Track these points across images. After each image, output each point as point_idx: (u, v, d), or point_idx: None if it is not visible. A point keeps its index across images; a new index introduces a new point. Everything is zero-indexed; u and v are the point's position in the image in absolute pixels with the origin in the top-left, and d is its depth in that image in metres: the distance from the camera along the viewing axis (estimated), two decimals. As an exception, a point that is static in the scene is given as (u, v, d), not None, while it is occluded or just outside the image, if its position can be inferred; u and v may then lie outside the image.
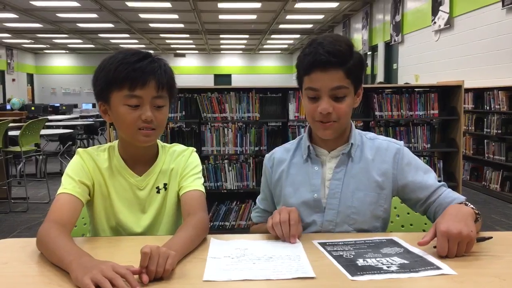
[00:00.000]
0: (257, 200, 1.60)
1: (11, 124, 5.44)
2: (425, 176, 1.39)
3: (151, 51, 1.36)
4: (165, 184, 1.42)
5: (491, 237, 1.21)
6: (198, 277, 1.00)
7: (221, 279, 0.99)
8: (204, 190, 1.42)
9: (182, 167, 1.43)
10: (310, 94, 1.32)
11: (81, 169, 1.35)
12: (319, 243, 1.22)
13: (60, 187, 1.31)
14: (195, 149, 1.50)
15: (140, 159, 1.40)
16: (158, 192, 1.41)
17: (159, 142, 1.45)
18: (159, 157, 1.43)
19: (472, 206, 1.24)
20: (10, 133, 5.54)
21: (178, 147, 1.48)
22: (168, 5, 11.79)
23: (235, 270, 1.03)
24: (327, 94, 1.29)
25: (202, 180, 1.44)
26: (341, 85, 1.29)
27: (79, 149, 1.40)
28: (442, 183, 1.39)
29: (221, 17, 13.46)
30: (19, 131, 5.06)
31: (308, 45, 1.32)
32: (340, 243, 1.22)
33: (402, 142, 1.44)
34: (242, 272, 1.02)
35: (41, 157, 6.48)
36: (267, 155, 1.54)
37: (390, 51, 10.57)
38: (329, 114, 1.30)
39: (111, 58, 1.29)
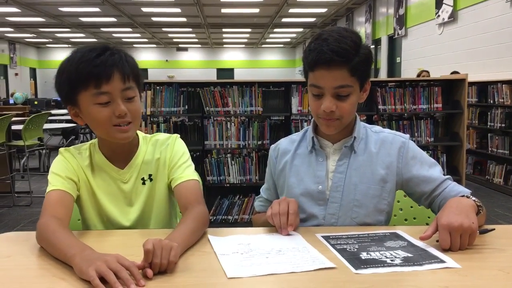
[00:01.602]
0: (261, 189, 1.60)
1: (14, 119, 5.44)
2: (430, 170, 1.38)
3: (153, 45, 1.34)
4: (150, 175, 1.40)
5: (494, 229, 1.20)
6: (202, 270, 1.00)
7: (246, 275, 0.97)
8: (197, 178, 1.40)
9: (170, 157, 1.40)
10: (313, 91, 1.31)
11: (66, 167, 1.34)
12: (322, 236, 1.22)
13: (48, 186, 1.29)
14: (178, 135, 1.46)
15: (121, 153, 1.38)
16: (143, 183, 1.39)
17: (140, 133, 1.42)
18: (140, 148, 1.40)
19: (474, 198, 1.23)
20: (13, 127, 5.55)
21: (161, 135, 1.45)
22: (170, -2, 11.77)
23: (253, 266, 1.02)
24: (330, 92, 1.28)
25: (193, 166, 1.41)
26: (344, 84, 1.27)
27: (61, 149, 1.38)
28: (448, 176, 1.38)
29: (223, 10, 13.42)
30: (22, 125, 5.07)
31: (314, 39, 1.30)
32: (344, 236, 1.22)
33: (408, 136, 1.42)
34: (261, 267, 1.01)
35: (44, 151, 6.50)
36: (272, 146, 1.54)
37: (394, 44, 10.53)
38: (332, 112, 1.29)
39: (69, 59, 1.24)
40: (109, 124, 1.24)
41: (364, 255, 1.07)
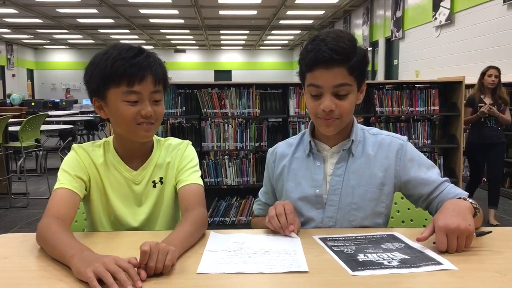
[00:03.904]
0: (259, 193, 1.60)
1: (11, 120, 5.44)
2: (428, 172, 1.38)
3: (150, 46, 1.35)
4: (161, 178, 1.42)
5: (491, 232, 1.21)
6: (196, 271, 1.00)
7: (215, 272, 0.99)
8: (202, 183, 1.42)
9: (179, 161, 1.43)
10: (312, 91, 1.31)
11: (77, 164, 1.35)
12: (319, 238, 1.22)
13: (56, 183, 1.31)
14: (190, 142, 1.49)
15: (135, 154, 1.40)
16: (154, 186, 1.41)
17: (154, 136, 1.44)
18: (154, 151, 1.43)
19: (471, 200, 1.23)
20: (10, 128, 5.54)
21: (173, 140, 1.48)
22: (168, 0, 11.76)
23: (230, 264, 1.04)
24: (329, 91, 1.28)
25: (200, 173, 1.44)
26: (344, 82, 1.28)
27: (74, 145, 1.40)
28: (445, 178, 1.39)
29: (221, 12, 13.43)
30: (19, 127, 5.06)
31: (311, 41, 1.31)
32: (341, 238, 1.22)
33: (405, 138, 1.43)
34: (237, 265, 1.03)
35: (41, 152, 6.48)
36: (270, 149, 1.54)
37: (391, 47, 10.56)
38: (331, 112, 1.29)
39: (105, 54, 1.27)
40: (133, 122, 1.28)
41: (361, 257, 1.07)
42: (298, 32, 17.57)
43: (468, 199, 1.24)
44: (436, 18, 7.88)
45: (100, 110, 1.33)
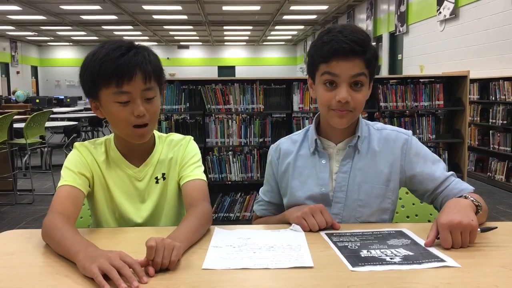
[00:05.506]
0: (260, 193, 1.56)
1: (16, 117, 5.45)
2: (433, 166, 1.37)
3: (154, 43, 1.33)
4: (163, 174, 1.42)
5: (496, 227, 1.20)
6: (201, 267, 1.01)
7: (220, 268, 1.00)
8: (205, 179, 1.41)
9: (181, 156, 1.42)
10: (327, 78, 1.28)
11: (80, 162, 1.35)
12: (326, 233, 1.22)
13: (60, 180, 1.31)
14: (192, 137, 1.48)
15: (136, 151, 1.39)
16: (157, 182, 1.41)
17: (156, 132, 1.44)
18: (156, 147, 1.42)
19: (472, 198, 1.22)
20: (15, 125, 5.55)
21: (175, 136, 1.47)
22: (171, -4, 11.76)
23: (235, 259, 1.04)
24: (346, 81, 1.27)
25: (202, 168, 1.43)
26: (361, 72, 1.27)
27: (76, 143, 1.40)
28: (451, 173, 1.38)
29: (224, 8, 13.40)
30: (24, 124, 5.08)
31: (326, 33, 1.29)
32: (347, 234, 1.22)
33: (410, 132, 1.42)
34: (242, 261, 1.03)
35: (46, 149, 6.49)
36: (272, 146, 1.52)
37: (395, 41, 10.51)
38: (347, 103, 1.27)
39: (94, 54, 1.24)
40: (127, 124, 1.26)
41: (364, 253, 1.07)
42: (301, 27, 17.51)
43: (469, 197, 1.23)
44: (440, 12, 7.84)
45: (96, 110, 1.32)
